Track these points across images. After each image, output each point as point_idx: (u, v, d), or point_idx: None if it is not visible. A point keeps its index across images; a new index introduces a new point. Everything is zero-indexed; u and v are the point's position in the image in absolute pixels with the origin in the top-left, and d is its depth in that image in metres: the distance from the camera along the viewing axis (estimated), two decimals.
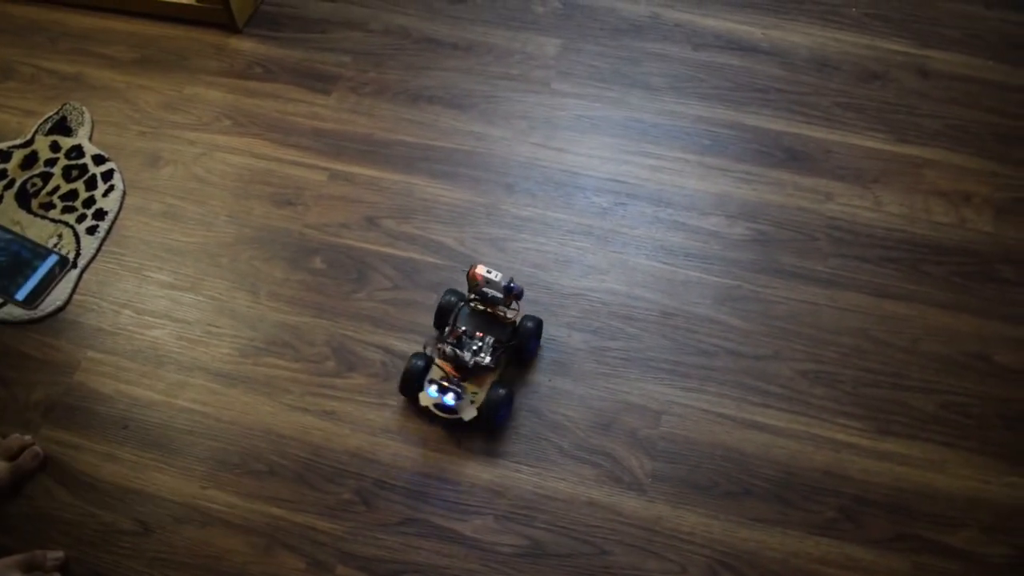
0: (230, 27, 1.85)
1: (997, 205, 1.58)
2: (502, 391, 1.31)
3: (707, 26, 1.84)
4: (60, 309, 1.50)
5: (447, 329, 1.36)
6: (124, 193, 1.62)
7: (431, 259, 1.51)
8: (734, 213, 1.55)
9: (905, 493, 1.28)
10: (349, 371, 1.40)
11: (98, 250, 1.56)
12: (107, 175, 1.65)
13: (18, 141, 1.70)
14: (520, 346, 1.36)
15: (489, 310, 1.37)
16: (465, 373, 1.33)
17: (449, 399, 1.31)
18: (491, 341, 1.33)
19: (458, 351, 1.31)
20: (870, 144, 1.65)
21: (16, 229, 1.58)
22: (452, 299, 1.39)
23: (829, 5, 1.88)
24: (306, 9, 1.88)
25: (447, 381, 1.31)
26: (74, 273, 1.53)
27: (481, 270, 1.31)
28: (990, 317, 1.45)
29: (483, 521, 1.27)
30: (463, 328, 1.34)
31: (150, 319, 1.47)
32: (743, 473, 1.30)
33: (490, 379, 1.34)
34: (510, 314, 1.36)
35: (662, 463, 1.31)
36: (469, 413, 1.31)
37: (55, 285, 1.51)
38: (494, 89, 1.73)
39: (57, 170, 1.66)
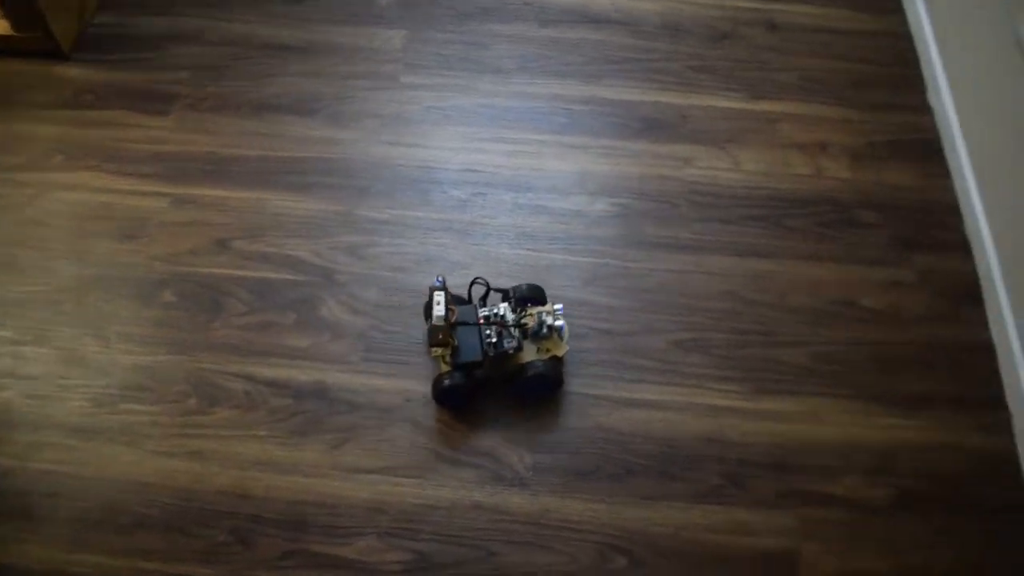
0: (55, 54, 1.75)
1: (853, 151, 1.59)
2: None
3: (555, 1, 1.81)
4: None
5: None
6: None
7: (287, 276, 1.45)
8: (595, 190, 1.53)
9: (785, 449, 1.28)
10: (212, 406, 1.33)
11: None
12: None
13: None
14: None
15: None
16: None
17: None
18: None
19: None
20: (725, 104, 1.64)
21: None
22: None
23: None
24: (136, 28, 1.79)
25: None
26: None
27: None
28: (853, 263, 1.45)
29: (366, 542, 1.22)
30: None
31: None
32: (625, 453, 1.28)
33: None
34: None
35: (543, 455, 1.28)
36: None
37: None
38: (342, 90, 1.67)
39: None
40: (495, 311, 1.30)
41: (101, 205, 1.54)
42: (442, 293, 1.25)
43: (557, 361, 1.30)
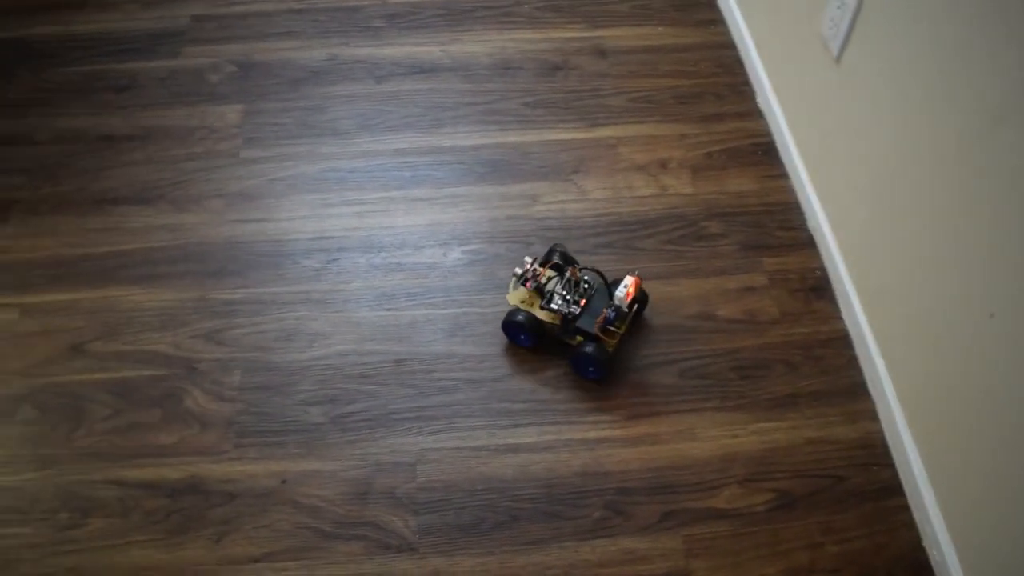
0: None
1: (691, 165, 1.65)
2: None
3: (386, 55, 1.82)
4: None
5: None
6: None
7: (148, 372, 1.41)
8: (447, 239, 1.54)
9: (663, 471, 1.31)
10: (85, 518, 1.29)
11: None
12: None
13: None
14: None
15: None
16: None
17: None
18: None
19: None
20: (564, 136, 1.68)
21: None
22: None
23: (500, 8, 1.90)
24: None
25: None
26: None
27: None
28: (706, 275, 1.50)
29: None
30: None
31: None
32: (507, 500, 1.28)
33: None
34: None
35: (427, 515, 1.27)
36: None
37: None
38: (180, 174, 1.64)
39: None
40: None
41: None
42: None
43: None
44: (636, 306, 1.39)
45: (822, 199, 1.54)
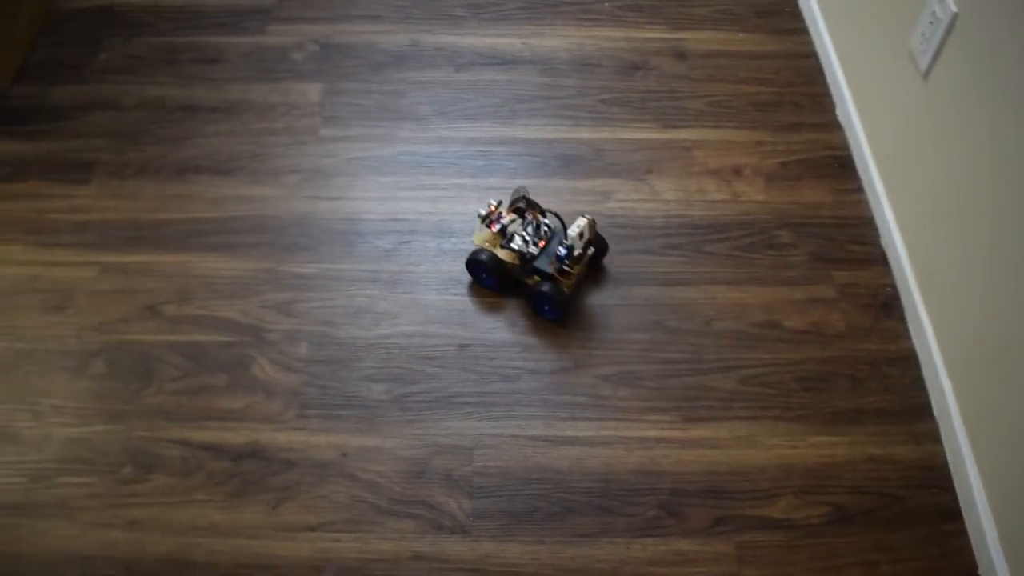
0: None
1: (766, 173, 1.64)
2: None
3: (467, 45, 1.84)
4: None
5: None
6: None
7: (218, 338, 1.45)
8: None
9: (720, 476, 1.30)
10: (149, 473, 1.32)
11: None
12: None
13: None
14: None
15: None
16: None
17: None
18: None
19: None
20: (639, 135, 1.68)
21: None
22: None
23: (582, 4, 1.91)
24: (52, 97, 1.78)
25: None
26: None
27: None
28: (774, 284, 1.50)
29: None
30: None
31: None
32: (561, 491, 1.29)
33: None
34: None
35: (481, 499, 1.29)
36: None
37: None
38: (260, 147, 1.67)
39: None
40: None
41: (26, 278, 1.52)
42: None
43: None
44: (592, 250, 1.44)
45: (898, 216, 1.52)
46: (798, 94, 1.77)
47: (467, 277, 1.50)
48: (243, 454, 1.33)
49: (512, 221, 1.45)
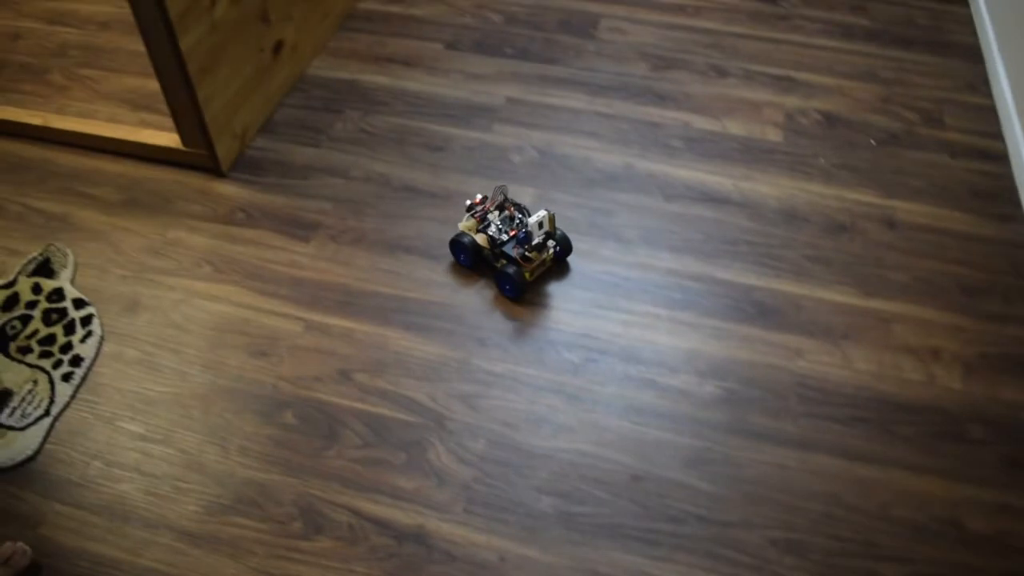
0: (215, 171, 1.90)
1: (965, 361, 1.60)
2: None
3: (679, 177, 1.89)
4: (30, 459, 1.49)
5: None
6: (102, 339, 1.63)
7: (402, 416, 1.51)
8: (704, 370, 1.57)
9: None
10: (316, 533, 1.39)
11: (72, 398, 1.56)
12: (86, 320, 1.66)
13: (0, 281, 1.72)
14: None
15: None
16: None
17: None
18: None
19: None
20: (839, 298, 1.68)
21: None
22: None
23: (797, 155, 1.93)
24: (290, 155, 1.93)
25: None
26: (46, 421, 1.53)
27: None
28: (961, 480, 1.45)
29: None
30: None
31: (119, 471, 1.46)
32: None
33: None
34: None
35: None
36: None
37: None
38: None
39: (37, 313, 1.67)
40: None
41: (239, 319, 1.64)
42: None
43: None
44: (553, 243, 1.68)
45: None
46: (1008, 285, 1.73)
47: (649, 407, 1.52)
48: (407, 535, 1.38)
49: (491, 212, 1.72)
